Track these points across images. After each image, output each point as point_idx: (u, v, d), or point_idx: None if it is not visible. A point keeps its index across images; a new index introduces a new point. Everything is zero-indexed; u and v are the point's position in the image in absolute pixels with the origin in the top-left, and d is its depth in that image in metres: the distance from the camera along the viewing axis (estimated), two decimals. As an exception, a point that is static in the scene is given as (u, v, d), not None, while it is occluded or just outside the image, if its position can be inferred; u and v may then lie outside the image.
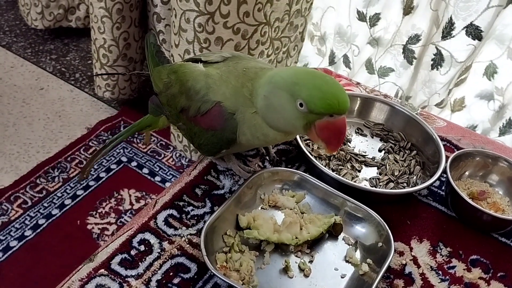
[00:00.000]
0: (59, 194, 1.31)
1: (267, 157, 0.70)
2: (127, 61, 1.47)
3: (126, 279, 0.55)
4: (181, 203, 0.63)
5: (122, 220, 1.27)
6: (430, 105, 1.31)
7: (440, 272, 0.59)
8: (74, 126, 1.52)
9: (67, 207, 1.28)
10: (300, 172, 0.64)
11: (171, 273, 0.56)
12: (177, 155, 1.45)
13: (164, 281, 0.55)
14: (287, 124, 0.53)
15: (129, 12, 1.39)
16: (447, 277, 0.59)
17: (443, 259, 0.60)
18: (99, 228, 1.24)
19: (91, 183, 1.34)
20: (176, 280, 0.55)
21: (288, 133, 0.57)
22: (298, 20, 1.26)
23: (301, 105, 0.50)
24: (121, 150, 1.44)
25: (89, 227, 1.25)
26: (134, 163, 1.41)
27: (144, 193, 1.34)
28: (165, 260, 0.57)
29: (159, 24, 1.40)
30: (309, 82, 0.50)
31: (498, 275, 0.60)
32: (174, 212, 0.62)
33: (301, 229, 0.60)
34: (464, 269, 0.60)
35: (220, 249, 0.58)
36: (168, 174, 1.40)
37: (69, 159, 1.41)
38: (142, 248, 0.58)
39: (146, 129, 0.72)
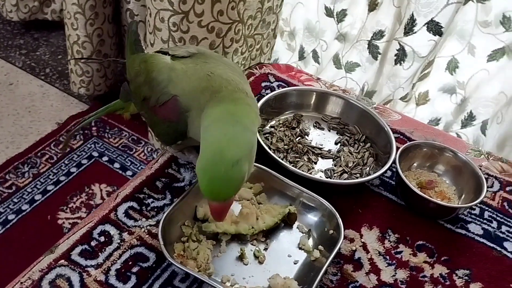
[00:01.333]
0: (29, 190, 1.31)
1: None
2: (101, 57, 1.48)
3: (86, 268, 0.57)
4: (141, 196, 0.65)
5: (93, 214, 1.28)
6: (395, 99, 1.35)
7: (387, 257, 0.62)
8: (45, 121, 1.51)
9: (38, 202, 1.29)
10: (258, 165, 0.66)
11: (130, 262, 0.58)
12: (149, 149, 1.46)
13: (123, 270, 0.57)
14: None
15: (102, 9, 1.40)
16: (394, 261, 0.62)
17: (391, 245, 0.64)
18: (69, 223, 1.25)
19: (62, 178, 1.35)
20: (135, 269, 0.58)
21: None
22: (270, 17, 1.28)
23: None
24: (92, 145, 1.44)
25: (59, 221, 1.25)
26: (105, 158, 1.42)
27: (115, 188, 1.35)
28: (125, 250, 0.59)
29: (132, 20, 1.41)
30: (208, 171, 0.50)
31: (442, 259, 0.63)
32: (135, 204, 0.64)
33: (257, 219, 0.63)
34: (410, 254, 0.63)
35: (178, 238, 0.60)
36: (139, 168, 1.41)
37: (39, 154, 1.40)
38: (102, 239, 0.60)
39: (120, 111, 0.74)
